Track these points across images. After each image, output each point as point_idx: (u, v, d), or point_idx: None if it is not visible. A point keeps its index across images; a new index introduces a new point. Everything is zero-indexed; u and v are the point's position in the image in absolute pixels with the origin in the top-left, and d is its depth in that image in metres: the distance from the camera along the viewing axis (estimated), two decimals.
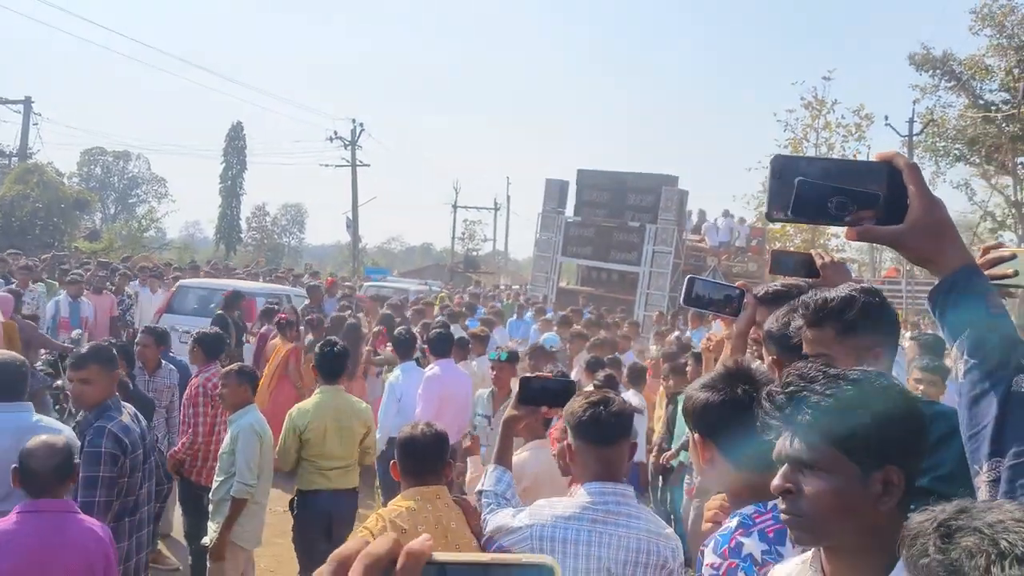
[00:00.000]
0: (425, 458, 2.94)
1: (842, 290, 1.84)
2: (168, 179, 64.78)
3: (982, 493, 1.08)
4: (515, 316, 14.87)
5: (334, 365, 5.11)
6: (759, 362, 2.16)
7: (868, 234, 1.17)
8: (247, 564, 4.71)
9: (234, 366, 4.88)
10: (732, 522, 1.72)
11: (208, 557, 4.55)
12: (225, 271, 17.65)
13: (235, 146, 45.46)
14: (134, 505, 3.58)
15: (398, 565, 0.52)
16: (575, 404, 2.41)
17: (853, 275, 2.54)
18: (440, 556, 0.53)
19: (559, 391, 2.66)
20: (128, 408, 3.73)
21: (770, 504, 1.64)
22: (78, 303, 9.23)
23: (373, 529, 2.67)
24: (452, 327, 8.20)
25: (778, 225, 23.45)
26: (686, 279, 2.19)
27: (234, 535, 4.45)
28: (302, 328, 8.85)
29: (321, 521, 4.73)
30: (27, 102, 30.84)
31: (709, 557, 1.70)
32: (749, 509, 1.72)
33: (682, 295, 2.12)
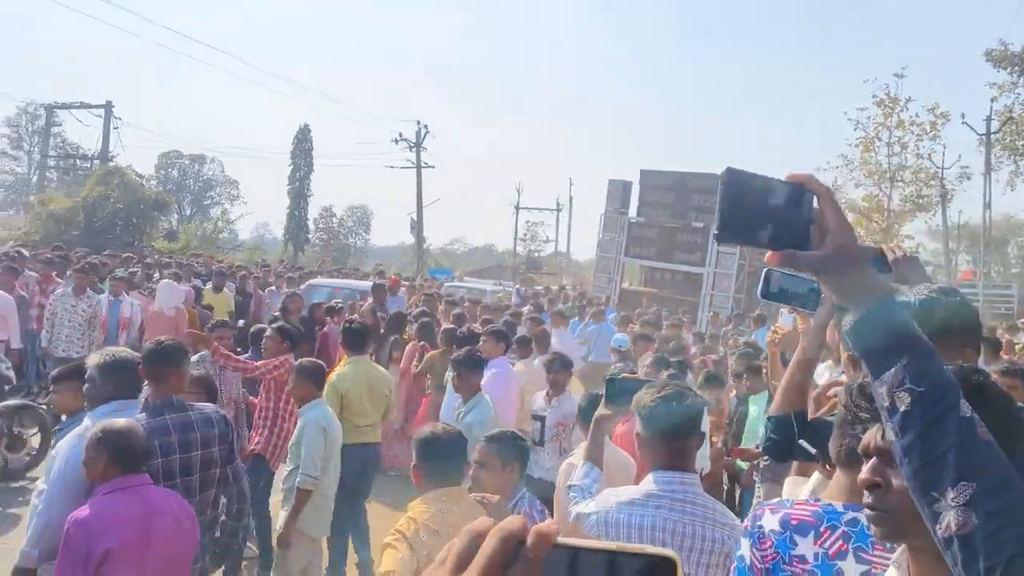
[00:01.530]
0: (449, 458, 2.95)
1: (922, 291, 1.80)
2: (240, 181, 66.81)
3: (950, 517, 1.04)
4: (577, 317, 14.86)
5: (358, 339, 5.96)
6: None
7: (793, 259, 1.11)
8: (314, 552, 4.81)
9: (303, 361, 5.04)
10: (778, 500, 1.79)
11: (276, 544, 4.70)
12: (295, 271, 18.06)
13: (302, 148, 46.47)
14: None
15: (528, 543, 0.53)
16: (646, 396, 2.43)
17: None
18: (567, 540, 0.54)
19: None
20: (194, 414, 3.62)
21: (827, 503, 1.67)
22: (119, 302, 9.15)
23: (406, 532, 2.65)
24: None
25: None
26: (764, 271, 2.15)
27: (300, 524, 4.57)
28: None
29: (356, 470, 5.32)
30: (108, 106, 32.26)
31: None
32: (803, 496, 1.74)
33: (760, 287, 2.09)
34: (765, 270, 2.25)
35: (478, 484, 3.04)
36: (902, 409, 1.08)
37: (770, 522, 1.67)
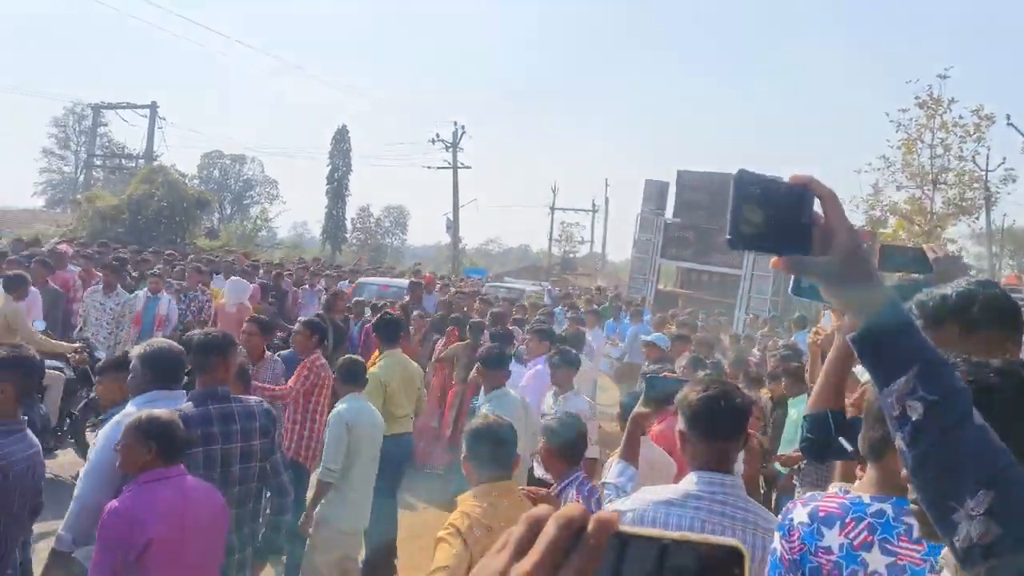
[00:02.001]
0: (500, 448, 2.96)
1: (960, 284, 1.77)
2: (279, 181, 67.74)
3: (970, 527, 1.00)
4: (612, 318, 14.81)
5: (392, 330, 6.19)
6: None
7: (800, 265, 1.07)
8: (349, 546, 4.79)
9: (342, 358, 5.13)
10: (810, 494, 1.78)
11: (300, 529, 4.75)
12: (333, 269, 18.25)
13: (341, 149, 46.98)
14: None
15: (589, 529, 0.53)
16: (691, 394, 2.38)
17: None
18: (628, 528, 0.54)
19: None
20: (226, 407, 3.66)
21: (855, 495, 1.66)
22: (156, 299, 9.05)
23: (460, 526, 2.63)
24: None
25: (889, 228, 22.44)
26: None
27: (333, 517, 4.60)
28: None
29: (396, 460, 5.53)
30: (153, 107, 32.95)
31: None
32: (834, 488, 1.73)
33: (791, 285, 2.07)
34: None
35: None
36: (914, 418, 1.05)
37: (800, 515, 1.67)
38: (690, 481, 2.33)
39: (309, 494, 5.00)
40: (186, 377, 3.79)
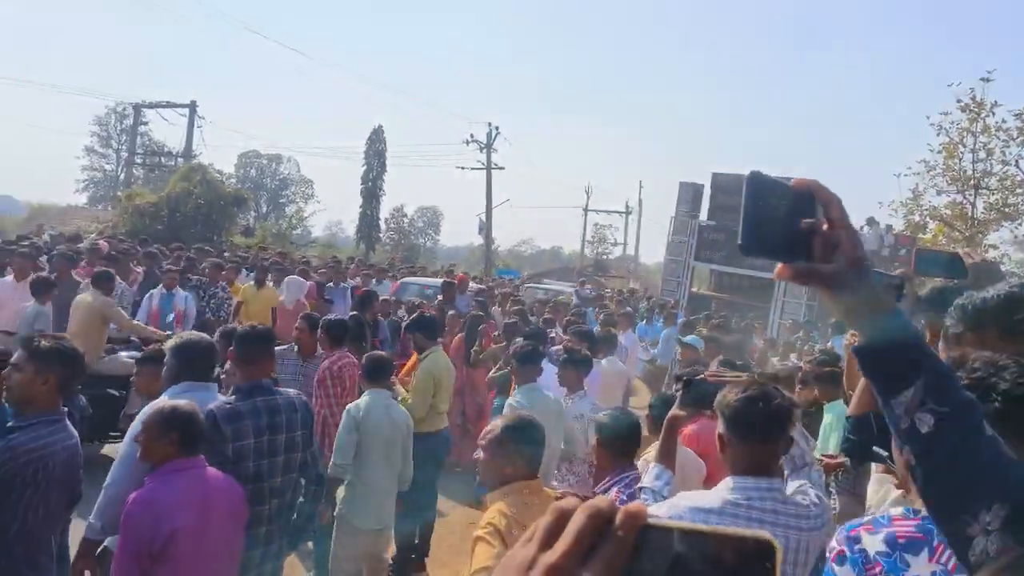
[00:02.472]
0: (538, 447, 2.96)
1: (1000, 288, 1.73)
2: (315, 180, 68.49)
3: (985, 542, 0.96)
4: (645, 320, 14.74)
5: (434, 329, 6.39)
6: None
7: (806, 273, 1.02)
8: (369, 543, 4.76)
9: (370, 355, 5.18)
10: (870, 518, 1.66)
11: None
12: (369, 268, 18.39)
13: (376, 149, 47.32)
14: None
15: (616, 522, 0.53)
16: (730, 395, 2.33)
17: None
18: (658, 520, 0.53)
19: None
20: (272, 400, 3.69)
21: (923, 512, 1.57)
22: (171, 295, 9.10)
23: (499, 526, 2.63)
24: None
25: (929, 234, 22.02)
26: None
27: (350, 515, 4.61)
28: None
29: (439, 454, 5.85)
30: (192, 106, 33.47)
31: (834, 537, 1.65)
32: (897, 511, 1.63)
33: None
34: None
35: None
36: (924, 431, 1.02)
37: (873, 543, 1.54)
38: (728, 487, 2.28)
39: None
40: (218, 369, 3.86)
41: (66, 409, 3.23)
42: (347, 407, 4.74)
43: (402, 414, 4.91)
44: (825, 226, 1.02)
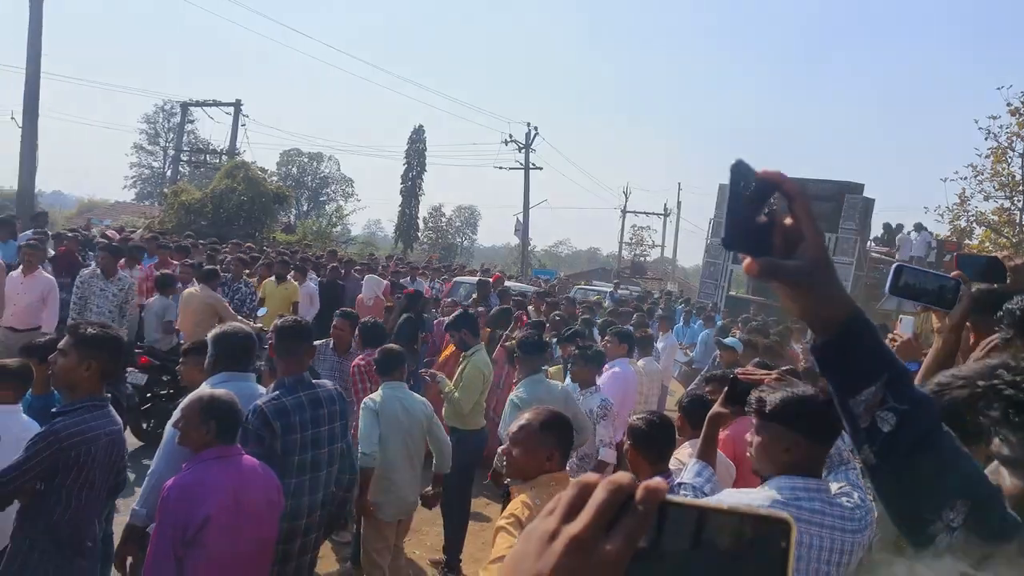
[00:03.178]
0: (571, 438, 3.03)
1: None
2: (355, 179, 69.17)
3: (948, 539, 0.96)
4: (682, 322, 14.64)
5: (477, 326, 6.40)
6: None
7: (773, 268, 0.97)
8: (397, 533, 4.87)
9: (383, 348, 5.26)
10: None
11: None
12: (406, 267, 18.53)
13: (416, 149, 47.63)
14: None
15: (637, 498, 0.54)
16: (778, 394, 2.30)
17: None
18: (676, 498, 0.55)
19: None
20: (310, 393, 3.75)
21: None
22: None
23: (521, 516, 2.64)
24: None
25: (976, 240, 21.51)
26: (894, 267, 2.04)
27: (375, 506, 4.64)
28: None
29: (478, 449, 5.84)
30: (237, 105, 33.99)
31: None
32: None
33: (888, 283, 1.99)
34: (896, 265, 2.11)
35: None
36: (886, 430, 1.00)
37: None
38: (776, 486, 2.25)
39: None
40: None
41: (110, 395, 3.32)
42: (363, 400, 4.80)
43: (418, 403, 4.86)
44: (788, 220, 0.98)
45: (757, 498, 2.27)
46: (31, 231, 10.63)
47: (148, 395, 7.41)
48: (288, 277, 10.65)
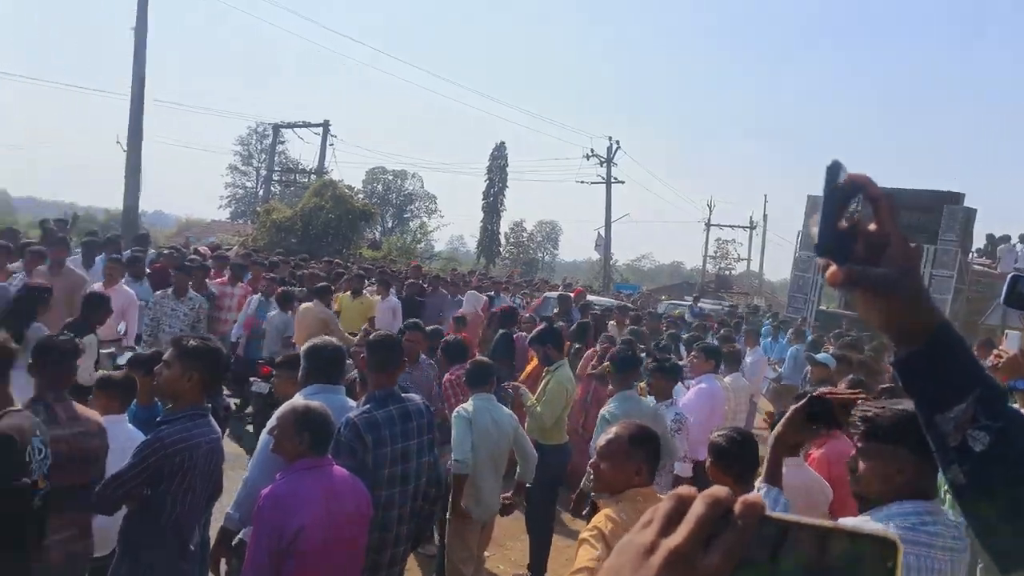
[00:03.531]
0: (658, 455, 3.01)
1: None
2: (438, 195, 70.32)
3: None
4: (771, 338, 14.29)
5: (562, 341, 6.43)
6: None
7: (859, 276, 0.92)
8: (480, 541, 4.96)
9: (473, 361, 5.33)
10: None
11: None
12: (489, 282, 18.69)
13: (498, 164, 48.10)
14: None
15: (736, 512, 0.53)
16: (888, 412, 2.20)
17: None
18: (776, 514, 0.53)
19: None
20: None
21: None
22: (268, 303, 9.13)
23: (604, 529, 2.65)
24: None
25: None
26: (1009, 277, 1.93)
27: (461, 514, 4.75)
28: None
29: (561, 466, 5.81)
30: (325, 125, 35.12)
31: None
32: None
33: (1003, 294, 1.89)
34: (1011, 275, 2.00)
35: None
36: (978, 450, 0.94)
37: None
38: (899, 512, 2.14)
39: None
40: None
41: (210, 405, 3.46)
42: (456, 410, 4.93)
43: (505, 415, 5.00)
44: (872, 226, 0.94)
45: (877, 526, 2.16)
46: (132, 249, 11.14)
47: (270, 403, 7.71)
48: (365, 292, 10.83)
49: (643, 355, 8.04)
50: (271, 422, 3.46)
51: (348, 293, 10.72)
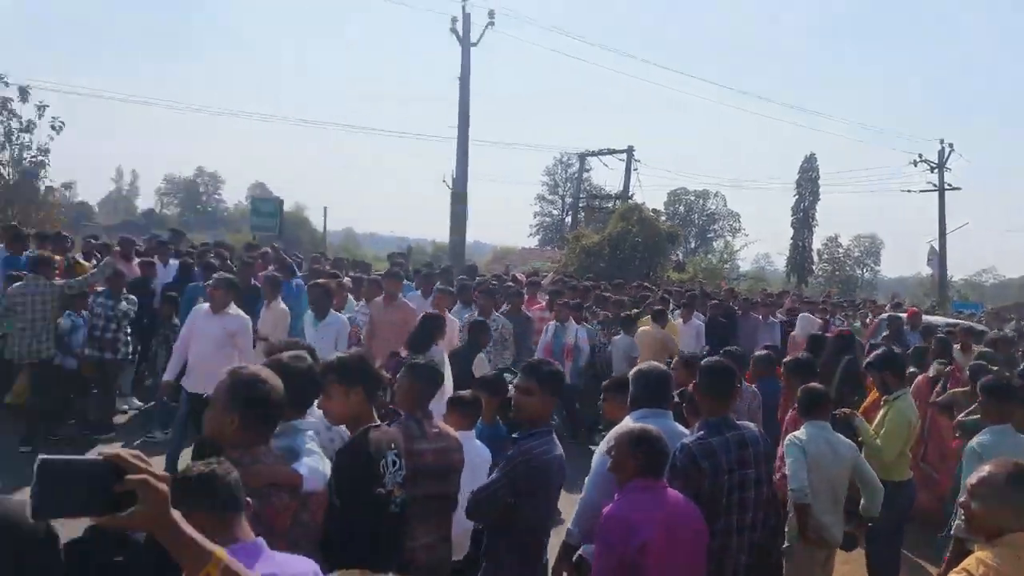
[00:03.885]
0: None
1: None
2: (741, 213, 68.24)
3: None
4: None
5: (903, 368, 6.05)
6: None
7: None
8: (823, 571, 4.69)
9: (804, 388, 5.02)
10: None
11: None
12: (800, 301, 17.73)
13: (808, 177, 45.60)
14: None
15: None
16: None
17: None
18: None
19: None
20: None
21: None
22: (564, 328, 9.37)
23: (975, 572, 2.50)
24: None
25: None
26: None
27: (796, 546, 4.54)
28: None
29: (908, 504, 5.45)
30: (629, 151, 35.88)
31: None
32: None
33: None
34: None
35: None
36: None
37: None
38: None
39: None
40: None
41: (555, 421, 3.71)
42: (788, 436, 4.73)
43: (843, 444, 4.71)
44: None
45: None
46: (459, 278, 12.12)
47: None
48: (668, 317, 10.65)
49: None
50: (606, 442, 3.58)
51: (649, 318, 10.59)
